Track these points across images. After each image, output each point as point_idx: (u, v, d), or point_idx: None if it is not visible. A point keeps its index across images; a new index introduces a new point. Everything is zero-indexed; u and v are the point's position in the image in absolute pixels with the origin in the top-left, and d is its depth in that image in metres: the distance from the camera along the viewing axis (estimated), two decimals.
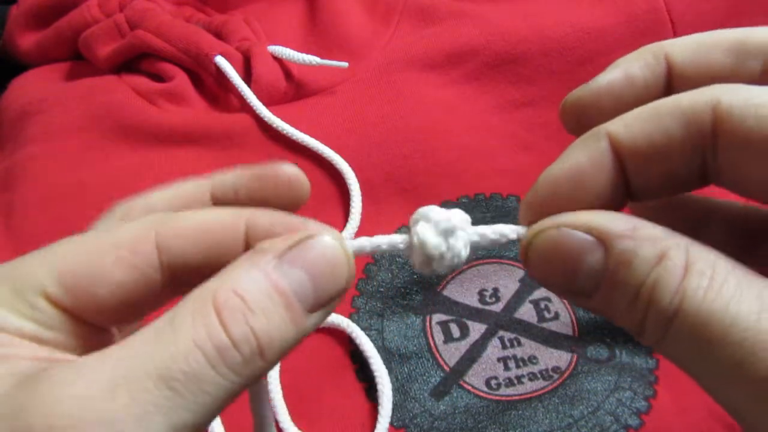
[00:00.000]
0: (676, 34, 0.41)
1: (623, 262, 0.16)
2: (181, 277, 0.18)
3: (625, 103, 0.18)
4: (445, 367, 0.35)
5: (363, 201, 0.39)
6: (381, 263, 0.37)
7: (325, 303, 0.17)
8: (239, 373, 0.15)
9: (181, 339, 0.15)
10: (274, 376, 0.33)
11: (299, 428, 0.32)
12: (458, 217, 0.19)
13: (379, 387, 0.33)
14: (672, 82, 0.18)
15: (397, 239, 0.19)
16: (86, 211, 0.39)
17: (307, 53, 0.42)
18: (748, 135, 0.16)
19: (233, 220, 0.18)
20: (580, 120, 0.19)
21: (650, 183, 0.17)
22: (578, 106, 0.19)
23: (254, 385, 0.20)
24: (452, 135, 0.41)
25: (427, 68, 0.43)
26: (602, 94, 0.18)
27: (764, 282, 0.15)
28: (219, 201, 0.20)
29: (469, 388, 0.34)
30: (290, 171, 0.21)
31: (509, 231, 0.19)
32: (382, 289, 0.37)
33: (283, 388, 0.33)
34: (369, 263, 0.37)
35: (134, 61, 0.45)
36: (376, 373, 0.34)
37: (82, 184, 0.39)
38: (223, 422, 0.33)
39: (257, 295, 0.16)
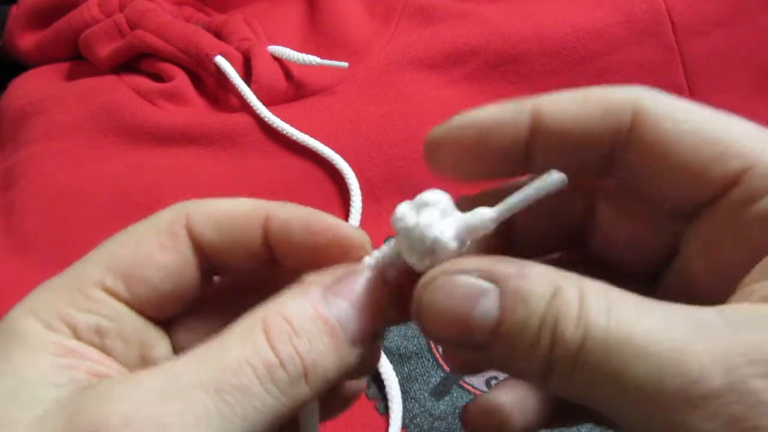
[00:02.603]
0: (676, 34, 0.41)
1: (520, 300, 0.15)
2: (211, 259, 0.19)
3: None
4: (445, 367, 0.35)
5: (363, 201, 0.39)
6: None
7: (369, 336, 0.17)
8: (285, 393, 0.16)
9: (232, 356, 0.16)
10: None
11: None
12: (435, 196, 0.18)
13: (387, 383, 0.33)
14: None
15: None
16: (86, 211, 0.39)
17: (307, 53, 0.42)
18: (662, 137, 0.16)
19: (255, 210, 0.19)
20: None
21: (553, 161, 0.18)
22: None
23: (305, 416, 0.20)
24: None
25: (427, 68, 0.43)
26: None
27: (659, 303, 0.15)
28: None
29: (470, 388, 0.34)
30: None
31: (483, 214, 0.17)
32: None
33: None
34: None
35: (134, 61, 0.45)
36: (381, 369, 0.34)
37: (83, 184, 0.39)
38: None
39: (302, 320, 0.17)
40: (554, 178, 0.16)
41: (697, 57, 0.41)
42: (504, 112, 0.18)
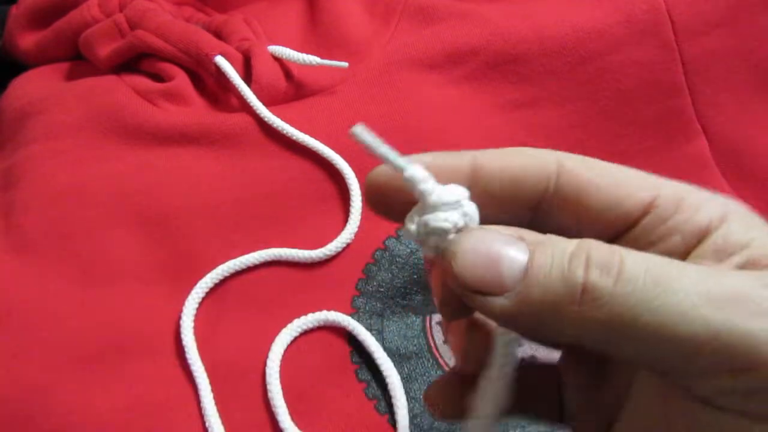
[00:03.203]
0: (676, 34, 0.41)
1: (548, 243, 0.17)
2: None
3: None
4: (445, 367, 0.35)
5: (363, 201, 0.39)
6: (381, 263, 0.37)
7: None
8: None
9: None
10: (274, 376, 0.33)
11: (299, 428, 0.32)
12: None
13: (389, 380, 0.33)
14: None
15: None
16: (86, 210, 0.39)
17: (307, 53, 0.42)
18: (584, 182, 0.19)
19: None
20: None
21: (487, 208, 0.20)
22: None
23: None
24: (452, 135, 0.41)
25: (427, 68, 0.43)
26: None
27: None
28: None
29: None
30: None
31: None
32: (382, 289, 0.37)
33: (283, 388, 0.33)
34: (369, 263, 0.37)
35: (134, 61, 0.45)
36: (382, 367, 0.34)
37: (82, 184, 0.39)
38: (224, 422, 0.33)
39: None
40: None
41: (697, 57, 0.41)
42: (445, 162, 0.20)
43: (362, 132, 0.18)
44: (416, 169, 0.18)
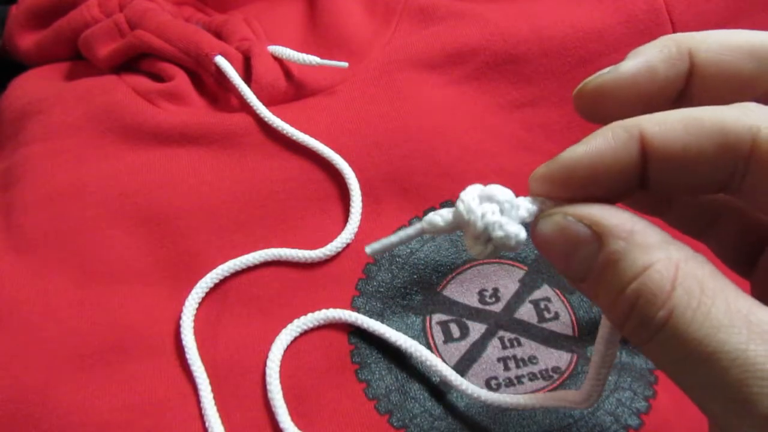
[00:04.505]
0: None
1: (612, 261, 0.17)
2: None
3: (645, 95, 0.19)
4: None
5: (363, 201, 0.39)
6: (381, 263, 0.37)
7: None
8: None
9: None
10: (274, 377, 0.33)
11: (299, 428, 0.32)
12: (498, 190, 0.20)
13: (409, 351, 0.34)
14: (692, 79, 0.19)
15: (438, 219, 0.20)
16: (86, 210, 0.39)
17: (307, 53, 0.42)
18: None
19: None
20: (596, 107, 0.19)
21: (669, 185, 0.18)
22: (597, 93, 0.19)
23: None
24: (452, 135, 0.41)
25: (428, 68, 0.43)
26: (623, 85, 0.19)
27: (750, 304, 0.15)
28: None
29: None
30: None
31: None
32: (382, 289, 0.37)
33: (283, 388, 0.33)
34: (369, 263, 0.37)
35: (134, 61, 0.45)
36: (398, 343, 0.34)
37: (82, 184, 0.39)
38: (224, 422, 0.33)
39: None
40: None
41: None
42: (607, 145, 0.18)
43: (374, 246, 0.20)
44: (433, 216, 0.20)
